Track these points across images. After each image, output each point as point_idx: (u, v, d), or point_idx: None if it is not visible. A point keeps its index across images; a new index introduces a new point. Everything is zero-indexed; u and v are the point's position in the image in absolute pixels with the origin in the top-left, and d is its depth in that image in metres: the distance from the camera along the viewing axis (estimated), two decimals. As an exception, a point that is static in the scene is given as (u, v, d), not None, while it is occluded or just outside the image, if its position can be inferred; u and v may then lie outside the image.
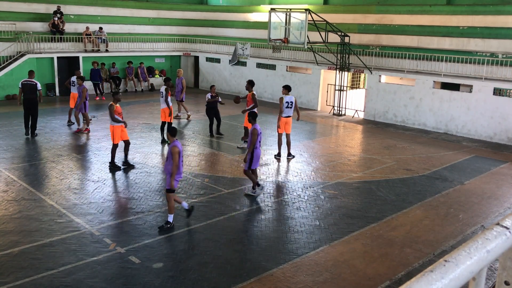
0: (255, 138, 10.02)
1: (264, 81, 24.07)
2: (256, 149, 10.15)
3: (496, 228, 1.40)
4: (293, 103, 13.20)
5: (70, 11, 25.31)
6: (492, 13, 18.74)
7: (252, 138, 10.04)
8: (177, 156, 8.23)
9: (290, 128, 13.48)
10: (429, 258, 7.79)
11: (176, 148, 8.25)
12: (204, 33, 28.53)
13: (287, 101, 13.10)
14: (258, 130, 10.08)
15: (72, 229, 8.43)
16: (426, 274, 1.18)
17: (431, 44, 19.57)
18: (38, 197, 9.91)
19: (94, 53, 24.67)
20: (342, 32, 19.71)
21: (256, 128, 10.08)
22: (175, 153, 8.22)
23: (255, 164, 10.27)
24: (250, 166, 10.20)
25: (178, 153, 8.24)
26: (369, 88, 20.11)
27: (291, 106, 13.19)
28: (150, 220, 8.95)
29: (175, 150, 8.23)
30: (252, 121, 10.30)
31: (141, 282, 6.77)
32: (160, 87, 15.25)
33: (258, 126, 10.20)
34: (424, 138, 16.77)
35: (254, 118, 10.31)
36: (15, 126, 16.34)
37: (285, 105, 13.10)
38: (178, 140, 8.81)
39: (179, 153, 8.30)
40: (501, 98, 16.39)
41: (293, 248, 7.99)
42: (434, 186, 11.53)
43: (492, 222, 8.26)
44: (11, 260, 7.27)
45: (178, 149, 8.27)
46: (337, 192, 10.88)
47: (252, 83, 14.40)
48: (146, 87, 26.32)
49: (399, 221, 9.37)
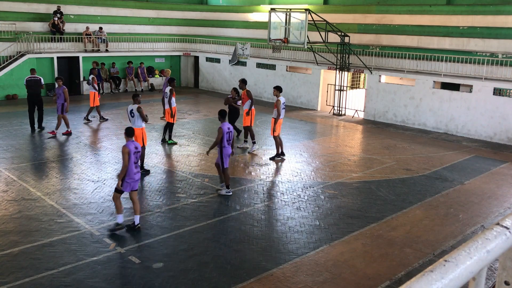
0: (220, 136, 9.99)
1: (264, 81, 24.07)
2: (225, 147, 10.13)
3: (496, 228, 1.40)
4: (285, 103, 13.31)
5: (70, 11, 25.31)
6: (492, 13, 18.74)
7: (217, 136, 10.05)
8: (126, 157, 8.03)
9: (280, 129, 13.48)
10: (429, 258, 7.79)
11: (126, 148, 8.07)
12: (204, 33, 28.53)
13: (283, 102, 13.09)
14: (224, 129, 10.02)
15: (72, 229, 8.43)
16: (426, 274, 1.18)
17: (431, 44, 19.57)
18: (38, 197, 9.91)
19: (94, 53, 24.67)
20: (342, 32, 19.71)
21: (222, 127, 10.04)
22: (125, 153, 8.05)
23: (225, 163, 10.29)
24: (223, 164, 10.24)
25: (128, 153, 8.04)
26: (369, 88, 20.11)
27: (284, 107, 13.25)
28: (150, 220, 8.95)
29: (125, 150, 8.06)
30: (221, 119, 10.30)
31: (141, 282, 6.77)
32: (160, 87, 15.23)
33: (226, 125, 10.14)
34: (424, 138, 16.77)
35: (223, 116, 10.30)
36: (15, 126, 16.34)
37: (282, 107, 13.04)
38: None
39: (129, 153, 8.06)
40: (501, 98, 16.39)
41: (293, 248, 7.99)
42: (434, 186, 11.53)
43: (492, 222, 8.26)
44: (11, 260, 7.27)
45: (129, 149, 8.06)
46: (337, 192, 10.88)
47: (245, 81, 14.57)
48: (146, 87, 26.32)
49: (399, 221, 9.37)
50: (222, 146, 10.10)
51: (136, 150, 8.23)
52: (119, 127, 16.68)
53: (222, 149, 10.13)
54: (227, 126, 10.16)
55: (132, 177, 8.22)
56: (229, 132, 10.15)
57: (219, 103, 22.74)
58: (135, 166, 8.27)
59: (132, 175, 8.22)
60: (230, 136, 10.18)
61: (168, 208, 9.58)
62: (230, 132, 10.19)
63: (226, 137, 10.05)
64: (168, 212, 9.38)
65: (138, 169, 8.39)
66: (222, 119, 10.26)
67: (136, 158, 8.25)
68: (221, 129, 10.02)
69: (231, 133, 10.20)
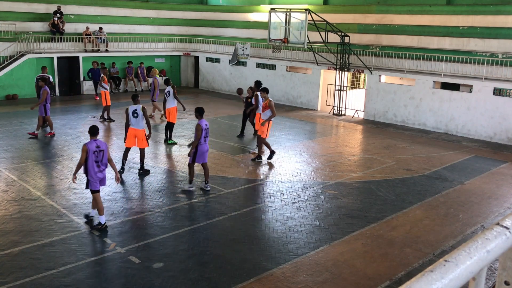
0: (200, 133, 10.08)
1: (264, 81, 24.00)
2: (201, 144, 10.22)
3: (496, 228, 1.40)
4: None
5: (70, 11, 25.31)
6: (492, 13, 18.75)
7: (197, 134, 10.13)
8: (84, 154, 8.19)
9: None
10: (429, 258, 7.79)
11: (85, 146, 8.23)
12: (204, 33, 28.53)
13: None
14: (202, 126, 10.12)
15: (72, 229, 8.43)
16: (426, 274, 1.18)
17: (431, 44, 19.57)
18: (38, 197, 9.91)
19: (94, 53, 24.67)
20: (342, 32, 19.71)
21: (201, 124, 10.13)
22: (83, 151, 8.21)
23: (199, 159, 10.34)
24: (194, 160, 10.31)
25: (86, 151, 8.18)
26: (369, 88, 20.11)
27: None
28: (150, 220, 8.95)
29: (83, 148, 8.23)
30: (199, 116, 10.39)
31: (141, 282, 6.77)
32: (160, 87, 15.26)
33: (203, 122, 10.25)
34: (424, 138, 16.77)
35: (201, 114, 10.37)
36: (15, 126, 16.35)
37: None
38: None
39: (88, 152, 8.19)
40: (501, 98, 16.39)
41: (293, 248, 7.98)
42: (434, 186, 11.53)
43: (492, 222, 8.26)
44: (11, 260, 7.27)
45: (87, 148, 8.20)
46: (337, 192, 10.88)
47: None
48: (146, 87, 26.31)
49: (399, 221, 9.37)
50: (199, 142, 10.22)
51: (98, 149, 8.32)
52: (120, 127, 16.67)
53: (198, 146, 10.24)
54: (205, 123, 10.32)
55: (92, 175, 8.34)
56: (207, 129, 10.32)
57: (219, 103, 22.79)
58: (97, 165, 8.34)
59: (93, 174, 8.32)
60: (207, 132, 10.35)
61: (168, 208, 9.58)
62: (208, 128, 10.39)
63: (203, 133, 10.19)
64: (168, 212, 9.38)
65: (100, 169, 8.42)
66: (200, 116, 10.39)
67: (96, 157, 8.31)
68: (199, 126, 10.15)
69: (208, 130, 10.42)
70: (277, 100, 23.47)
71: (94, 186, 8.39)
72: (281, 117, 19.42)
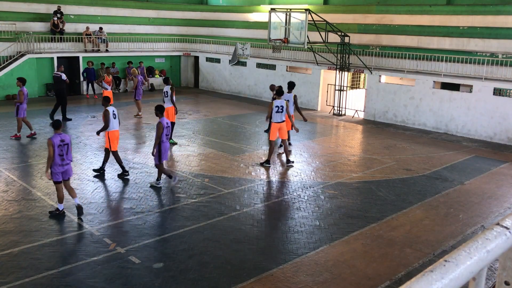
0: (161, 131, 10.17)
1: (264, 81, 24.07)
2: (163, 142, 10.34)
3: (496, 228, 1.40)
4: (284, 107, 12.34)
5: (70, 11, 25.31)
6: (492, 13, 18.75)
7: (157, 132, 10.23)
8: (51, 148, 8.51)
9: (285, 133, 12.79)
10: (429, 258, 7.79)
11: (50, 141, 8.54)
12: (204, 33, 28.53)
13: (277, 105, 12.32)
14: (163, 124, 10.24)
15: (72, 229, 8.44)
16: (426, 274, 1.18)
17: (431, 44, 19.57)
18: (38, 197, 9.91)
19: (94, 53, 24.68)
20: (342, 32, 19.71)
21: (162, 122, 10.25)
22: (49, 145, 8.53)
23: (164, 157, 10.49)
24: (160, 160, 10.43)
25: (52, 145, 8.51)
26: (369, 88, 20.11)
27: (281, 110, 12.37)
28: (150, 220, 8.95)
29: (49, 142, 8.56)
30: (159, 114, 10.47)
31: (141, 282, 6.77)
32: (160, 87, 15.27)
33: (164, 120, 10.35)
34: (424, 138, 16.77)
35: (161, 112, 10.46)
36: (15, 126, 16.33)
37: (275, 110, 12.33)
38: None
39: (53, 145, 8.52)
40: (501, 98, 16.39)
41: (293, 248, 7.98)
42: (434, 186, 11.53)
43: (492, 222, 8.26)
44: (11, 260, 7.27)
45: (53, 142, 8.52)
46: (337, 192, 10.88)
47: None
48: (146, 87, 26.31)
49: (399, 221, 9.37)
50: (161, 141, 10.32)
51: (62, 143, 8.66)
52: (120, 127, 16.68)
53: (161, 144, 10.35)
54: (166, 121, 10.42)
55: (55, 168, 8.65)
56: (168, 127, 10.45)
57: (219, 103, 22.79)
58: (61, 158, 8.67)
59: (56, 167, 8.65)
60: (168, 130, 10.52)
61: (168, 208, 9.58)
62: (169, 127, 10.52)
63: (165, 131, 10.31)
64: (168, 212, 9.38)
65: (65, 162, 8.77)
66: (160, 114, 10.50)
67: (61, 151, 8.65)
68: (160, 124, 10.26)
69: (169, 128, 10.54)
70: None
71: (56, 177, 8.72)
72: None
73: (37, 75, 22.86)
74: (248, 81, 25.06)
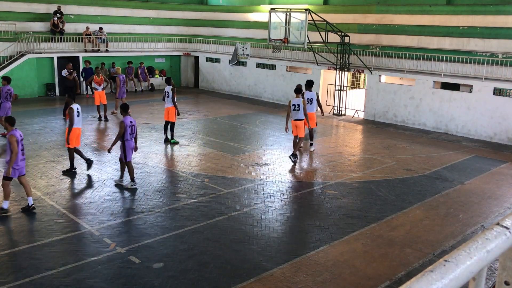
0: (122, 130, 10.31)
1: (264, 81, 24.08)
2: (127, 141, 10.44)
3: (496, 228, 1.40)
4: (300, 105, 12.68)
5: (70, 11, 25.32)
6: (492, 13, 18.75)
7: (119, 130, 10.36)
8: (15, 144, 8.60)
9: (302, 131, 12.95)
10: (429, 258, 7.79)
11: (13, 137, 8.64)
12: (204, 33, 28.53)
13: (293, 103, 12.73)
14: (126, 123, 10.31)
15: (72, 229, 8.43)
16: (426, 274, 1.18)
17: (431, 44, 19.57)
18: (38, 197, 9.91)
19: (94, 53, 24.68)
20: (342, 32, 19.71)
21: (125, 121, 10.32)
22: (13, 142, 8.61)
23: (129, 155, 10.56)
24: (126, 157, 10.53)
25: (16, 141, 8.61)
26: (369, 88, 20.11)
27: (298, 109, 12.71)
28: (150, 220, 8.95)
29: (12, 139, 8.62)
30: (123, 113, 10.59)
31: (141, 282, 6.77)
32: (161, 87, 15.27)
33: (128, 119, 10.41)
34: (424, 138, 16.77)
35: (125, 111, 10.57)
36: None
37: (292, 108, 12.74)
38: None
39: (17, 141, 8.65)
40: (501, 98, 16.39)
41: (293, 248, 7.98)
42: (434, 186, 11.53)
43: (492, 222, 8.26)
44: (11, 260, 7.27)
45: (16, 137, 8.63)
46: (337, 192, 10.88)
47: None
48: (146, 87, 26.32)
49: (399, 221, 9.37)
50: (125, 139, 10.41)
51: (21, 137, 8.85)
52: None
53: (125, 143, 10.44)
54: (129, 119, 10.46)
55: (18, 163, 8.79)
56: (132, 126, 10.47)
57: (219, 103, 22.79)
58: (22, 153, 8.87)
59: (19, 162, 8.78)
60: (133, 129, 10.52)
61: (168, 208, 9.58)
62: (133, 125, 10.53)
63: (128, 130, 10.38)
64: (168, 212, 9.38)
65: (24, 157, 8.99)
66: (124, 113, 10.56)
67: (22, 145, 8.84)
68: (123, 123, 10.34)
69: (134, 127, 10.55)
70: (277, 100, 23.49)
71: (14, 173, 8.83)
72: (281, 117, 19.43)
73: (37, 75, 22.86)
74: (248, 81, 25.06)
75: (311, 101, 13.82)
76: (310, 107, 13.69)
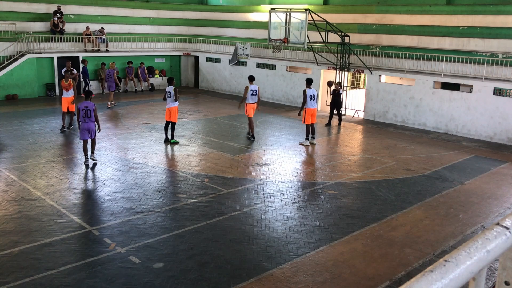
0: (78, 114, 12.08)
1: (264, 81, 24.07)
2: (81, 123, 12.04)
3: (496, 228, 1.40)
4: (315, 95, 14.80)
5: (70, 11, 25.32)
6: (492, 13, 18.74)
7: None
8: None
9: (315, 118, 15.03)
10: (429, 258, 7.79)
11: None
12: (204, 33, 28.53)
13: (311, 94, 14.55)
14: (80, 107, 11.92)
15: (72, 229, 8.43)
16: (426, 274, 1.18)
17: (431, 44, 19.56)
18: (38, 197, 9.91)
19: (94, 53, 24.68)
20: (342, 32, 19.71)
21: (79, 106, 11.97)
22: None
23: (81, 136, 12.10)
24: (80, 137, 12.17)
25: None
26: (369, 88, 20.11)
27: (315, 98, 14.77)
28: (150, 220, 8.95)
29: None
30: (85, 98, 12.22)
31: (141, 282, 6.77)
32: (161, 87, 15.26)
33: (82, 104, 11.94)
34: (424, 138, 16.77)
35: (87, 96, 12.18)
36: (15, 126, 16.35)
37: (309, 98, 14.61)
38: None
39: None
40: (501, 98, 16.39)
41: (293, 248, 7.98)
42: (434, 186, 11.53)
43: (492, 222, 8.26)
44: (11, 260, 7.27)
45: None
46: (337, 192, 10.88)
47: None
48: (146, 87, 26.32)
49: (399, 221, 9.37)
50: (79, 121, 12.27)
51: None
52: (120, 127, 16.70)
53: (79, 124, 12.22)
54: (84, 104, 11.96)
55: None
56: (85, 110, 11.92)
57: (219, 103, 22.79)
58: None
59: None
60: (87, 113, 11.93)
61: (168, 208, 9.58)
62: (89, 110, 11.94)
63: (82, 113, 11.92)
64: (168, 212, 9.38)
65: None
66: (84, 99, 12.13)
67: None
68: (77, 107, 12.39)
69: (87, 111, 11.94)
70: (277, 100, 23.50)
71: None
72: (281, 117, 19.44)
73: (37, 75, 22.86)
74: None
75: (313, 97, 14.83)
76: (312, 103, 14.86)
